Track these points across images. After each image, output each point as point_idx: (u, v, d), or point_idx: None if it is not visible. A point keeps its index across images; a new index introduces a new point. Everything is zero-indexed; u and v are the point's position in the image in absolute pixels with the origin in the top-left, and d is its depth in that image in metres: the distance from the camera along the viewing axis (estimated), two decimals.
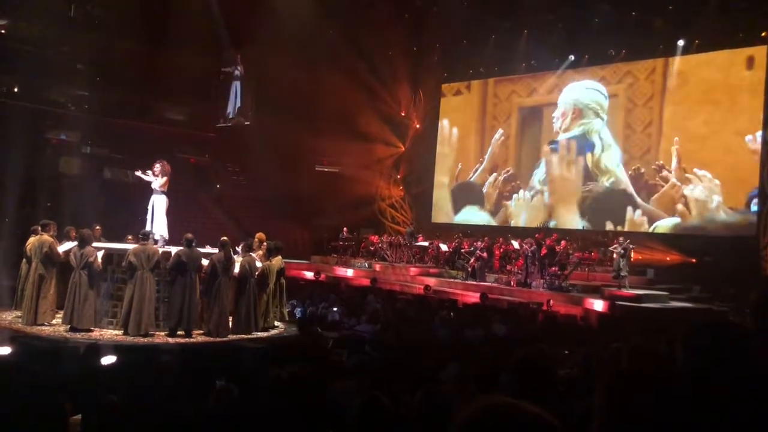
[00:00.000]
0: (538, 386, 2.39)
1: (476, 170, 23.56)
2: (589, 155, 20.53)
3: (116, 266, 10.68)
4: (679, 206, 18.53)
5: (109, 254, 10.77)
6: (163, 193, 11.76)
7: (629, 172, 19.55)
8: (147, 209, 11.79)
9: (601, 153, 20.27)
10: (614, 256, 16.30)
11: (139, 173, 11.93)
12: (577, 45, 20.15)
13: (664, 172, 18.82)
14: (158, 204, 11.73)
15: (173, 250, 10.77)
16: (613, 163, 20.04)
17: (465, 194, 23.82)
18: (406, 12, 22.40)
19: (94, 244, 10.73)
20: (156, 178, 11.72)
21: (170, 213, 11.97)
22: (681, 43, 18.51)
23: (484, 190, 23.25)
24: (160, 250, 10.50)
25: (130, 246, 11.08)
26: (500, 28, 21.16)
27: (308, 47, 20.66)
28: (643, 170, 19.32)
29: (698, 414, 1.64)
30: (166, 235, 11.76)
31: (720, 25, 17.16)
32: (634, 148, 19.69)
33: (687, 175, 18.34)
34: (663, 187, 18.90)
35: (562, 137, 21.26)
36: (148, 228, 11.58)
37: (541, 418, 1.30)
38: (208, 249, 11.43)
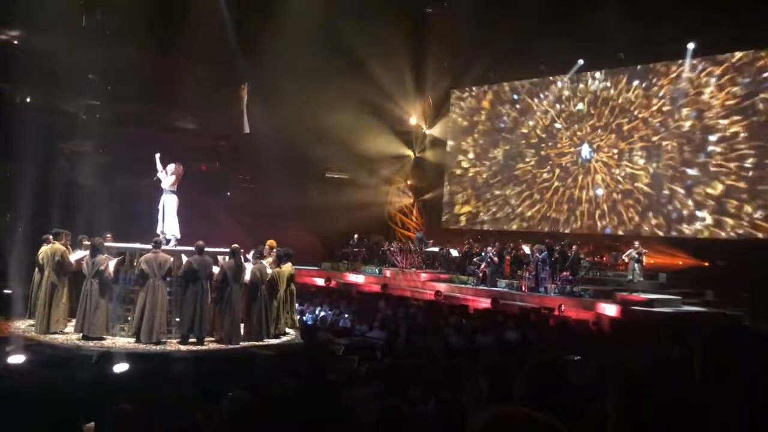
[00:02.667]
0: (551, 394, 2.38)
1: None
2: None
3: (129, 266, 10.73)
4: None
5: (121, 253, 10.81)
6: (172, 192, 11.79)
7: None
8: (157, 209, 11.84)
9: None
10: (626, 260, 16.21)
11: (158, 158, 11.95)
12: (586, 49, 20.08)
13: None
14: (168, 203, 11.75)
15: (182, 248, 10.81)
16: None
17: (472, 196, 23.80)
18: (414, 17, 22.43)
19: (107, 244, 10.81)
20: (166, 176, 11.77)
21: (182, 221, 12.00)
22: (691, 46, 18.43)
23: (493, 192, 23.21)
24: (171, 259, 10.52)
25: (121, 245, 11.18)
26: (509, 33, 21.12)
27: (317, 55, 20.70)
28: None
29: (715, 422, 1.62)
30: (177, 234, 11.77)
31: None
32: None
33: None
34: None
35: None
36: (159, 227, 11.63)
37: (555, 427, 1.29)
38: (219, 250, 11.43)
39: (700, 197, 18.23)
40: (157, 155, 11.98)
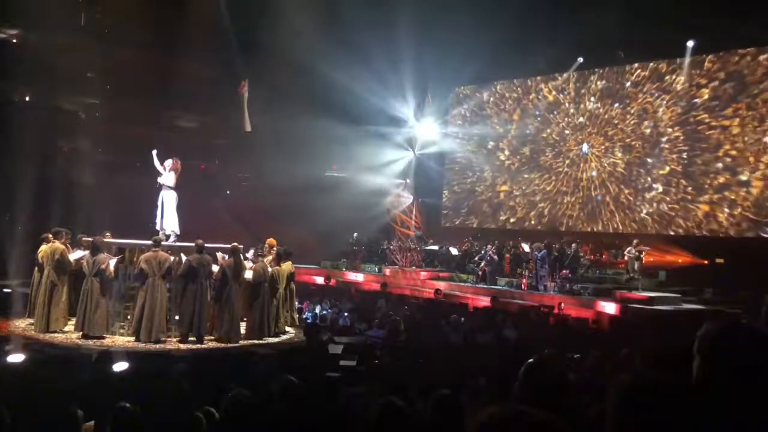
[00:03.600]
0: (550, 392, 2.38)
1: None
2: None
3: (129, 263, 10.75)
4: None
5: (121, 249, 10.82)
6: (171, 188, 11.78)
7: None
8: (156, 205, 11.84)
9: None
10: (626, 258, 16.22)
11: (155, 154, 11.93)
12: (586, 47, 20.07)
13: None
14: (168, 200, 11.73)
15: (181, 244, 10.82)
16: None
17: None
18: (413, 14, 22.39)
19: (105, 240, 10.83)
20: (165, 173, 11.76)
21: (181, 219, 11.98)
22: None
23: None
24: (171, 258, 10.52)
25: (120, 241, 11.20)
26: (509, 30, 21.11)
27: (317, 52, 20.70)
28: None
29: (716, 421, 1.62)
30: (177, 230, 11.76)
31: None
32: None
33: None
34: None
35: None
36: (158, 223, 11.63)
37: (554, 426, 1.29)
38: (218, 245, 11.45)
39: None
40: (154, 152, 11.97)
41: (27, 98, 20.88)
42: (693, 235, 18.26)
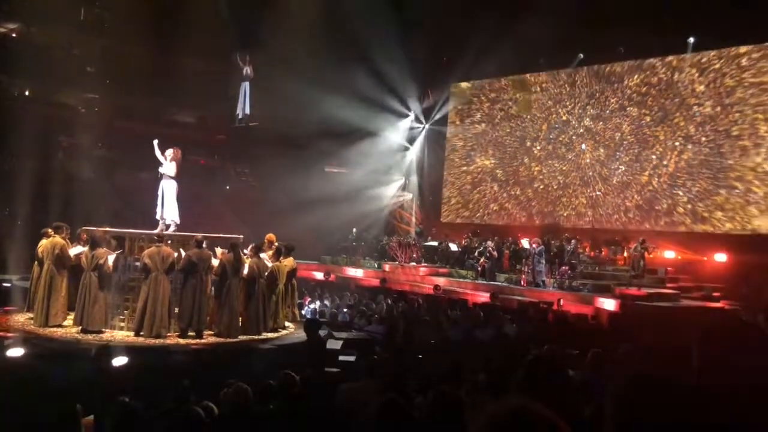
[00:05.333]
0: (549, 388, 2.38)
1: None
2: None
3: (128, 253, 10.77)
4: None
5: (119, 239, 10.83)
6: (172, 178, 11.80)
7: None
8: (157, 195, 11.85)
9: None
10: (625, 254, 16.24)
11: (156, 144, 11.94)
12: (588, 42, 20.04)
13: None
14: (168, 189, 11.72)
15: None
16: None
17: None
18: (413, 11, 22.36)
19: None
20: (165, 162, 11.77)
21: (181, 213, 11.98)
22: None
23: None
24: (175, 253, 10.51)
25: (118, 230, 11.22)
26: (509, 26, 21.09)
27: (316, 48, 20.67)
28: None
29: (714, 417, 1.63)
30: (177, 219, 11.77)
31: None
32: None
33: None
34: None
35: None
36: (158, 213, 11.65)
37: (554, 422, 1.29)
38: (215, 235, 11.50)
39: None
40: (155, 141, 11.98)
41: (27, 93, 20.87)
42: (692, 232, 18.25)
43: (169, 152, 11.78)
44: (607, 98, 20.33)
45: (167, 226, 11.54)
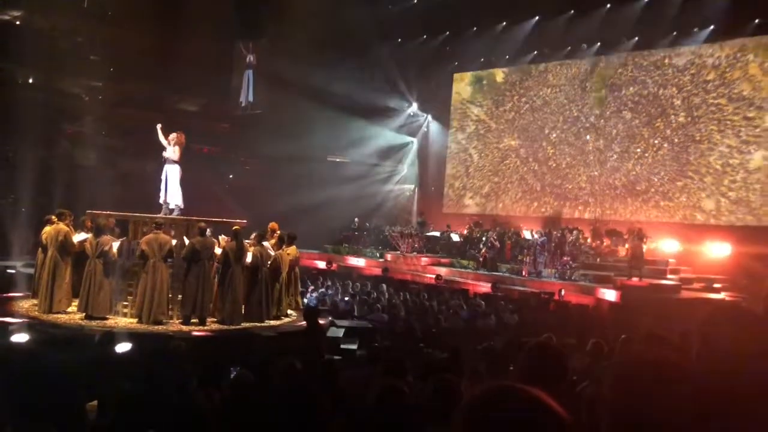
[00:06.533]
0: (549, 376, 2.41)
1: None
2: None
3: (132, 237, 10.86)
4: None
5: (122, 222, 10.88)
6: (175, 162, 11.83)
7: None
8: (160, 179, 11.90)
9: None
10: (626, 245, 16.24)
11: (159, 129, 11.97)
12: (590, 33, 20.00)
13: None
14: (171, 173, 11.80)
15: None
16: None
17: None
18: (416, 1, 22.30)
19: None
20: (169, 147, 11.81)
21: (184, 202, 12.02)
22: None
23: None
24: (173, 241, 10.54)
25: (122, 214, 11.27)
26: (511, 16, 21.04)
27: (320, 37, 20.63)
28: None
29: (711, 404, 1.64)
30: (181, 204, 11.84)
31: None
32: None
33: None
34: None
35: None
36: (161, 197, 11.71)
37: (542, 400, 1.31)
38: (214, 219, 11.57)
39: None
40: (159, 126, 12.02)
41: (30, 80, 20.84)
42: (693, 224, 18.31)
43: (173, 136, 11.83)
44: (609, 102, 20.97)
45: (171, 211, 11.60)
